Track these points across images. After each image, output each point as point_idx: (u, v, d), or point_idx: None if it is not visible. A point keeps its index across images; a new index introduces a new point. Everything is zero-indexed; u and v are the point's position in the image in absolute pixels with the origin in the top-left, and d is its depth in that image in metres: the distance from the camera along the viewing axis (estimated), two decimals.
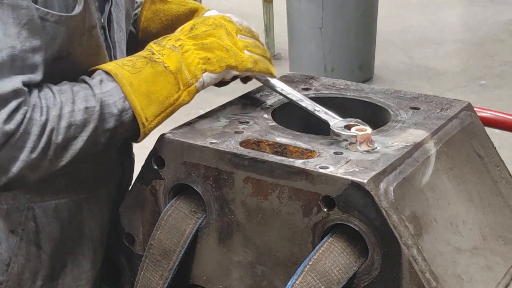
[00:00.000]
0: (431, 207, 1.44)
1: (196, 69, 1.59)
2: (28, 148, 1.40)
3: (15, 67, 1.41)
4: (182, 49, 1.60)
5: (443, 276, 1.38)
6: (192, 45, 1.61)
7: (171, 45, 1.60)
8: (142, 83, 1.52)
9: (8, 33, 1.39)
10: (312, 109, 1.62)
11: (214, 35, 1.63)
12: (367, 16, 6.23)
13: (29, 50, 1.42)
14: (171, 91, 1.55)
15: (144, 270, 1.58)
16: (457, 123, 1.64)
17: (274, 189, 1.44)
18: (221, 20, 1.68)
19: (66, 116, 1.44)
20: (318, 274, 1.37)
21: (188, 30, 1.64)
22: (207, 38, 1.62)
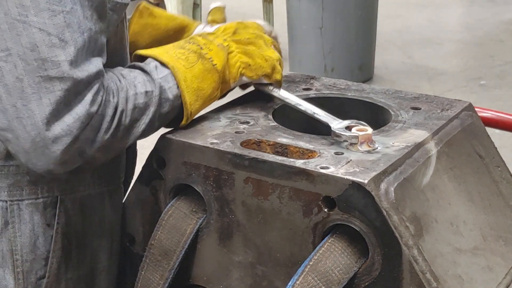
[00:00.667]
0: (431, 207, 1.44)
1: (237, 71, 1.65)
2: (103, 129, 1.43)
3: (93, 48, 1.43)
4: (229, 49, 1.65)
5: (443, 276, 1.38)
6: (235, 47, 1.66)
7: (219, 43, 1.65)
8: (194, 79, 1.58)
9: (85, 15, 1.41)
10: (311, 112, 1.62)
11: (255, 44, 1.69)
12: (367, 16, 6.23)
13: (99, 31, 1.45)
14: (214, 89, 1.61)
15: (145, 270, 1.58)
16: (458, 124, 1.64)
17: (275, 189, 1.44)
18: (259, 30, 1.74)
19: (132, 98, 1.48)
20: (319, 274, 1.37)
21: (231, 33, 1.68)
22: (248, 45, 1.67)
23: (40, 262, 1.60)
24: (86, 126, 1.40)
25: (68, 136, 1.38)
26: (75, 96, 1.39)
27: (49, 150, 1.39)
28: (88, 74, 1.40)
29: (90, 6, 1.42)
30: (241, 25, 1.71)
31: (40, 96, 1.37)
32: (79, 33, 1.39)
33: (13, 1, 1.36)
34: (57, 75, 1.37)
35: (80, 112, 1.39)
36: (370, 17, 6.28)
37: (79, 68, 1.39)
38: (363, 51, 6.32)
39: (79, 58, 1.39)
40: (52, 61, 1.37)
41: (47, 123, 1.37)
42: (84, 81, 1.39)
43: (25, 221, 1.57)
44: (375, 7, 6.31)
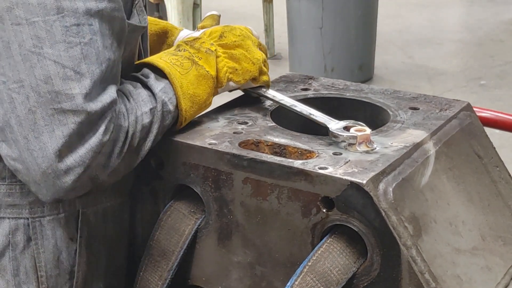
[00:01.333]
0: (430, 207, 1.44)
1: (223, 76, 1.63)
2: (115, 154, 1.43)
3: (110, 77, 1.42)
4: (216, 54, 1.63)
5: (442, 276, 1.38)
6: (222, 52, 1.64)
7: (207, 48, 1.62)
8: (189, 85, 1.56)
9: (105, 45, 1.40)
10: (307, 113, 1.61)
11: (242, 47, 1.67)
12: (367, 16, 6.23)
13: (118, 59, 1.44)
14: (209, 95, 1.59)
15: (143, 270, 1.58)
16: (456, 123, 1.64)
17: (273, 190, 1.44)
18: (247, 31, 1.71)
19: (140, 119, 1.47)
20: (317, 274, 1.37)
21: (217, 37, 1.66)
22: (235, 48, 1.66)
23: (65, 277, 1.59)
24: (98, 154, 1.39)
25: (80, 166, 1.38)
26: (89, 127, 1.37)
27: (60, 181, 1.38)
28: (102, 105, 1.38)
29: (111, 35, 1.41)
30: (227, 28, 1.69)
31: (53, 129, 1.36)
32: (97, 64, 1.38)
33: (28, 32, 1.35)
34: (71, 108, 1.36)
35: (93, 143, 1.38)
36: (370, 17, 6.29)
37: (94, 100, 1.38)
38: (363, 51, 6.32)
39: (94, 89, 1.38)
40: (66, 94, 1.36)
41: (59, 155, 1.36)
42: (98, 113, 1.38)
43: (48, 237, 1.56)
44: (375, 7, 6.31)
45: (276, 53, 7.14)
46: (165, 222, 1.56)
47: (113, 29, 1.41)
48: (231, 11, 7.77)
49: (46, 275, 1.57)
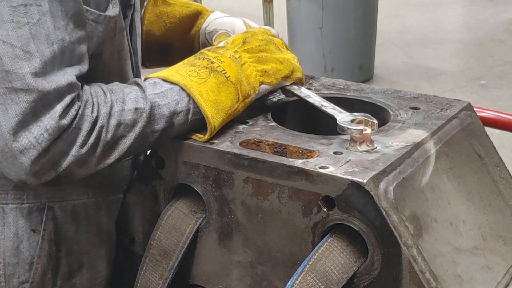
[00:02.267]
0: (431, 207, 1.44)
1: (254, 81, 1.61)
2: (78, 143, 1.42)
3: (66, 59, 1.42)
4: (241, 61, 1.61)
5: (443, 276, 1.38)
6: (248, 57, 1.63)
7: (231, 55, 1.61)
8: (210, 93, 1.54)
9: (57, 26, 1.40)
10: (320, 104, 1.61)
11: (267, 50, 1.66)
12: (367, 16, 6.23)
13: (76, 41, 1.44)
14: (233, 101, 1.57)
15: (144, 270, 1.58)
16: (457, 123, 1.64)
17: (274, 189, 1.44)
18: (268, 35, 1.72)
19: (116, 114, 1.46)
20: (318, 274, 1.37)
21: (241, 44, 1.65)
22: (260, 52, 1.65)
23: (24, 267, 1.61)
24: (57, 139, 1.39)
25: (36, 148, 1.38)
26: (43, 107, 1.38)
27: (18, 161, 1.39)
28: (57, 85, 1.38)
29: (64, 16, 1.41)
30: (248, 34, 1.69)
31: (5, 108, 1.37)
32: (47, 44, 1.38)
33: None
34: (22, 86, 1.37)
35: (48, 124, 1.38)
36: (370, 17, 6.29)
37: (47, 79, 1.38)
38: (363, 51, 6.32)
39: (46, 69, 1.38)
40: (15, 73, 1.36)
41: (14, 134, 1.37)
42: (52, 93, 1.38)
43: (9, 225, 1.58)
44: (375, 7, 6.31)
45: None
46: (166, 222, 1.56)
47: (67, 10, 1.42)
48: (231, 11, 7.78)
49: (4, 262, 1.59)
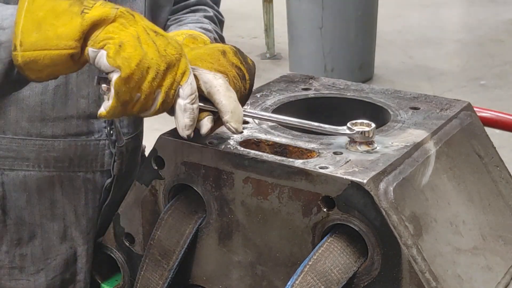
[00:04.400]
0: (431, 207, 1.44)
1: (98, 41, 1.31)
2: None
3: None
4: (128, 23, 1.33)
5: (443, 276, 1.38)
6: (131, 23, 1.34)
7: (125, 11, 1.34)
8: (41, 9, 1.30)
9: None
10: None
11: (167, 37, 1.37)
12: (367, 16, 6.24)
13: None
14: (67, 37, 1.29)
15: (144, 270, 1.58)
16: (457, 123, 1.64)
17: (274, 189, 1.44)
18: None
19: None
20: (318, 274, 1.37)
21: (151, 28, 1.36)
22: (159, 35, 1.36)
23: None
24: None
25: None
26: None
27: None
28: None
29: None
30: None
31: None
32: None
33: None
34: None
35: None
36: (370, 17, 6.30)
37: None
38: (363, 51, 6.34)
39: None
40: None
41: None
42: None
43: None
44: (375, 7, 6.33)
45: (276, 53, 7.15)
46: (166, 222, 1.56)
47: None
48: (231, 11, 7.78)
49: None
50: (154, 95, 1.33)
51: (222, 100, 1.39)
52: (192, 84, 1.36)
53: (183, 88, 1.35)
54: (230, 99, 1.39)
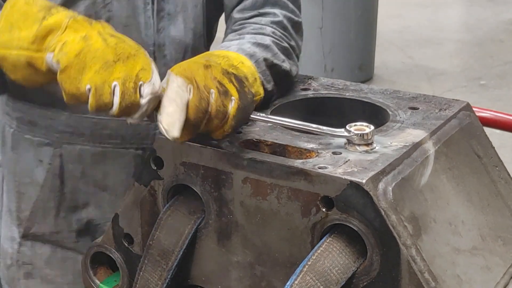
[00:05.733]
0: (430, 207, 1.44)
1: (52, 44, 1.38)
2: None
3: None
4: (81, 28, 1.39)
5: (442, 276, 1.38)
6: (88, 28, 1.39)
7: (81, 19, 1.40)
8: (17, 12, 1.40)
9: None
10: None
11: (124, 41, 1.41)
12: (367, 16, 6.24)
13: None
14: (24, 40, 1.38)
15: (143, 270, 1.58)
16: (456, 123, 1.64)
17: (273, 189, 1.44)
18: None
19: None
20: (317, 274, 1.37)
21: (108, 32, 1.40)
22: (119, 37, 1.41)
23: (35, 188, 1.90)
24: None
25: None
26: None
27: None
28: None
29: None
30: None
31: None
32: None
33: None
34: None
35: None
36: (370, 17, 6.30)
37: None
38: (363, 51, 6.34)
39: None
40: None
41: None
42: None
43: (27, 150, 1.87)
44: (375, 7, 6.33)
45: None
46: (165, 222, 1.56)
47: None
48: None
49: (19, 181, 1.91)
50: (110, 88, 1.35)
51: (164, 101, 1.39)
52: (154, 85, 1.37)
53: (144, 87, 1.36)
54: (171, 102, 1.39)
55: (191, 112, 1.38)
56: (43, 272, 1.97)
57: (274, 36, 1.78)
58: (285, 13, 1.86)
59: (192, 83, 1.39)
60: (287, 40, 1.82)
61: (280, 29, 1.82)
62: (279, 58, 1.73)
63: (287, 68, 1.75)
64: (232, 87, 1.44)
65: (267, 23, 1.82)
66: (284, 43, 1.79)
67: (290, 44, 1.83)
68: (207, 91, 1.39)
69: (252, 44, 1.71)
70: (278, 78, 1.71)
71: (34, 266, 1.97)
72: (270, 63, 1.69)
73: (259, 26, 1.80)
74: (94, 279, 1.74)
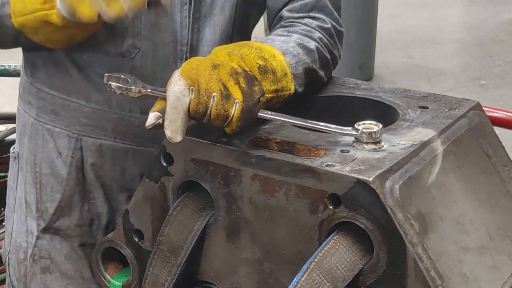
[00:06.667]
0: (437, 205, 1.45)
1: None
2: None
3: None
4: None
5: (448, 274, 1.38)
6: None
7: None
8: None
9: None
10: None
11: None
12: (367, 16, 6.24)
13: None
14: (36, 1, 1.55)
15: (153, 266, 1.59)
16: (465, 123, 1.64)
17: (281, 187, 1.44)
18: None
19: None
20: (324, 271, 1.38)
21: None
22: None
23: (57, 178, 1.91)
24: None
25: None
26: None
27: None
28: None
29: None
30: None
31: None
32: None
33: None
34: None
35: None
36: (370, 17, 6.30)
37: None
38: (363, 51, 6.33)
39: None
40: None
41: None
42: None
43: (46, 140, 1.89)
44: (375, 7, 6.32)
45: None
46: (175, 218, 1.56)
47: None
48: None
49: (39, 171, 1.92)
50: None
51: (167, 107, 1.46)
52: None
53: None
54: (173, 109, 1.44)
55: (190, 112, 1.45)
56: (63, 268, 1.96)
57: (320, 43, 1.80)
58: (331, 21, 1.89)
59: (194, 85, 1.43)
60: (331, 48, 1.84)
61: (327, 36, 1.85)
62: (316, 64, 1.75)
63: (321, 75, 1.78)
64: (237, 89, 1.45)
65: (317, 28, 1.84)
66: (326, 53, 1.81)
67: (333, 53, 1.86)
68: (207, 95, 1.43)
69: (298, 45, 1.72)
70: (311, 83, 1.73)
71: (52, 260, 1.97)
72: (310, 68, 1.71)
73: (309, 28, 1.82)
74: (105, 274, 1.76)
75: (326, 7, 1.89)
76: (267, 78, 1.56)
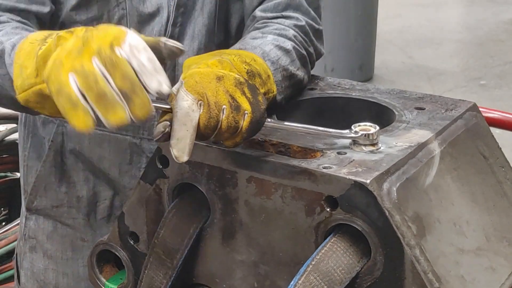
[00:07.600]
0: (434, 207, 1.44)
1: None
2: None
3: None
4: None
5: (446, 276, 1.38)
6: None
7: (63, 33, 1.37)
8: (23, 54, 1.41)
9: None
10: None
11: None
12: (367, 16, 6.25)
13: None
14: (30, 76, 1.39)
15: (148, 268, 1.58)
16: (462, 124, 1.64)
17: (277, 189, 1.44)
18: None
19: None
20: (321, 274, 1.37)
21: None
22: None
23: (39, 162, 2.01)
24: None
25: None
26: None
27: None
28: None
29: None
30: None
31: None
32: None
33: None
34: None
35: None
36: (370, 17, 6.31)
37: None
38: (363, 51, 6.34)
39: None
40: None
41: None
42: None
43: (36, 127, 1.99)
44: (375, 7, 6.33)
45: None
46: (170, 221, 1.56)
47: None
48: None
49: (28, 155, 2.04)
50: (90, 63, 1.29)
51: (174, 124, 1.37)
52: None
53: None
54: (182, 126, 1.37)
55: (200, 127, 1.37)
56: (45, 247, 2.05)
57: (295, 41, 1.77)
58: (306, 19, 1.86)
59: (203, 99, 1.38)
60: (306, 46, 1.82)
61: (302, 34, 1.82)
62: (295, 65, 1.73)
63: (301, 77, 1.75)
64: (245, 100, 1.41)
65: (290, 26, 1.82)
66: (302, 50, 1.79)
67: (309, 50, 1.83)
68: (218, 109, 1.38)
69: (275, 47, 1.70)
70: (290, 86, 1.71)
71: (37, 240, 2.05)
72: (289, 73, 1.69)
73: (282, 27, 1.80)
74: (100, 277, 1.75)
75: (301, 6, 1.86)
76: (256, 82, 1.53)
